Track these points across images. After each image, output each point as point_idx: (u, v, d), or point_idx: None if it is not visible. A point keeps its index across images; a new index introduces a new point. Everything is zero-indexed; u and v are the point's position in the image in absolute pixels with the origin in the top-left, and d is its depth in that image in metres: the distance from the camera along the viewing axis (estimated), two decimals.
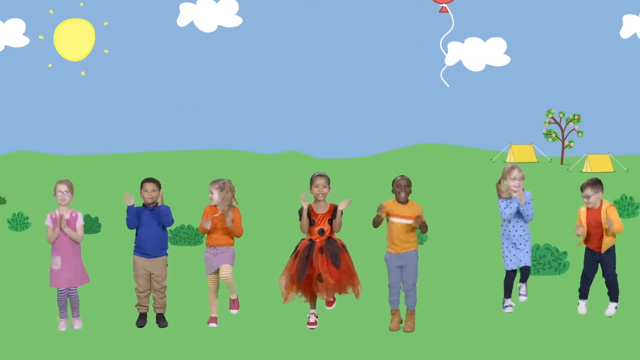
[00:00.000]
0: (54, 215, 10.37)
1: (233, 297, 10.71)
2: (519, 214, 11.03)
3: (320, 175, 10.38)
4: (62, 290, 10.46)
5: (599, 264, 11.02)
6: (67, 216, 10.31)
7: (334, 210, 10.36)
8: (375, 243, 14.84)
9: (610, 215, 10.81)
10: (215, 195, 10.50)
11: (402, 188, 10.41)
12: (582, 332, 10.36)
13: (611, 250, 10.96)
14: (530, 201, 11.02)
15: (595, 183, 10.89)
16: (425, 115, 28.73)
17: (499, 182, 11.15)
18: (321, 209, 10.35)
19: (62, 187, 10.32)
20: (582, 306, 11.12)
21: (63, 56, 26.86)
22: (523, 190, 11.02)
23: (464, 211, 18.62)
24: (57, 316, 10.62)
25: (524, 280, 11.35)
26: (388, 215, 10.47)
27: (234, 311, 10.76)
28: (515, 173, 10.96)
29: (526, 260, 11.10)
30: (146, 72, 28.53)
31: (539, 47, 28.91)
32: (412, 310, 10.46)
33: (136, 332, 10.30)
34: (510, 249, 11.10)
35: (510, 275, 11.16)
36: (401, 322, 10.52)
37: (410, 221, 10.38)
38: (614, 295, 11.07)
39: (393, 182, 10.50)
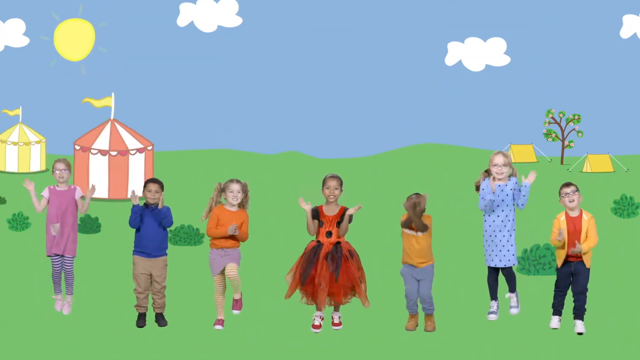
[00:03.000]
0: (51, 188, 10.93)
1: (237, 297, 10.68)
2: (504, 204, 10.44)
3: (333, 177, 10.31)
4: (57, 259, 10.74)
5: (572, 276, 10.29)
6: (65, 188, 10.89)
7: (343, 213, 10.29)
8: (377, 244, 14.83)
9: (590, 228, 10.23)
10: (236, 194, 10.33)
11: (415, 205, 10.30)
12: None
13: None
14: (514, 186, 10.44)
15: (577, 188, 10.42)
16: (425, 115, 28.68)
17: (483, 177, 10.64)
18: (331, 211, 10.28)
19: (60, 166, 10.89)
20: (555, 321, 10.44)
21: (63, 56, 26.86)
22: (511, 176, 10.51)
23: (464, 211, 18.60)
24: (53, 293, 11.02)
25: (511, 289, 10.76)
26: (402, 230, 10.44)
27: (236, 311, 10.73)
28: (496, 159, 10.48)
29: (506, 260, 10.52)
30: (146, 72, 28.50)
31: (539, 47, 28.88)
32: (430, 314, 10.43)
33: (136, 332, 10.30)
34: (489, 243, 10.58)
35: (491, 272, 10.74)
36: (417, 325, 10.47)
37: (419, 233, 10.33)
38: (580, 311, 10.30)
39: (406, 200, 10.32)
